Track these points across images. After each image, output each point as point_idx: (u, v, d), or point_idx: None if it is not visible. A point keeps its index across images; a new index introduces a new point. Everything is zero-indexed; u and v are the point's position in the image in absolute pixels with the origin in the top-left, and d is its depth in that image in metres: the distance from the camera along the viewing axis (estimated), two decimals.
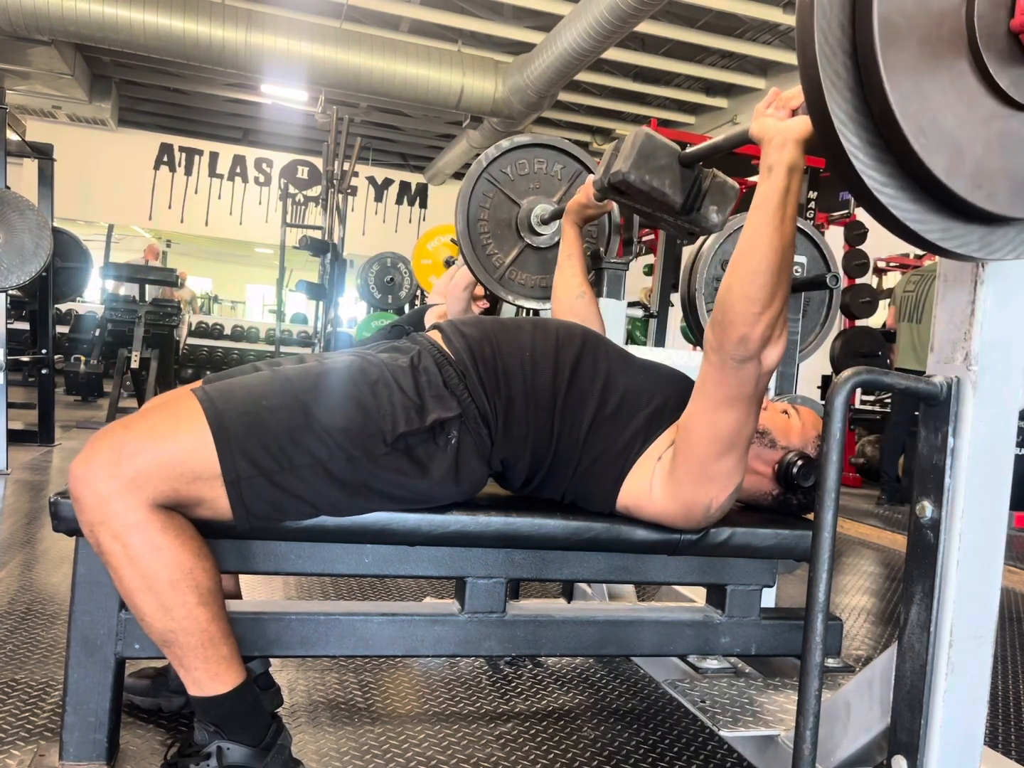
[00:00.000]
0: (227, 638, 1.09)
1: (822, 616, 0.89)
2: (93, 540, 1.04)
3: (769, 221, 1.06)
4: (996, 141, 0.72)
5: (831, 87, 0.70)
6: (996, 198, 0.72)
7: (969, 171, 0.71)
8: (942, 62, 0.70)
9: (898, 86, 0.68)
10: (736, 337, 1.09)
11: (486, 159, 2.04)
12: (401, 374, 1.20)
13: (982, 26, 0.69)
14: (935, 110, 0.69)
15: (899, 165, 0.72)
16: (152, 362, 5.72)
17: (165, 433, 1.06)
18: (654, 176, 1.39)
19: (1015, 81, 0.71)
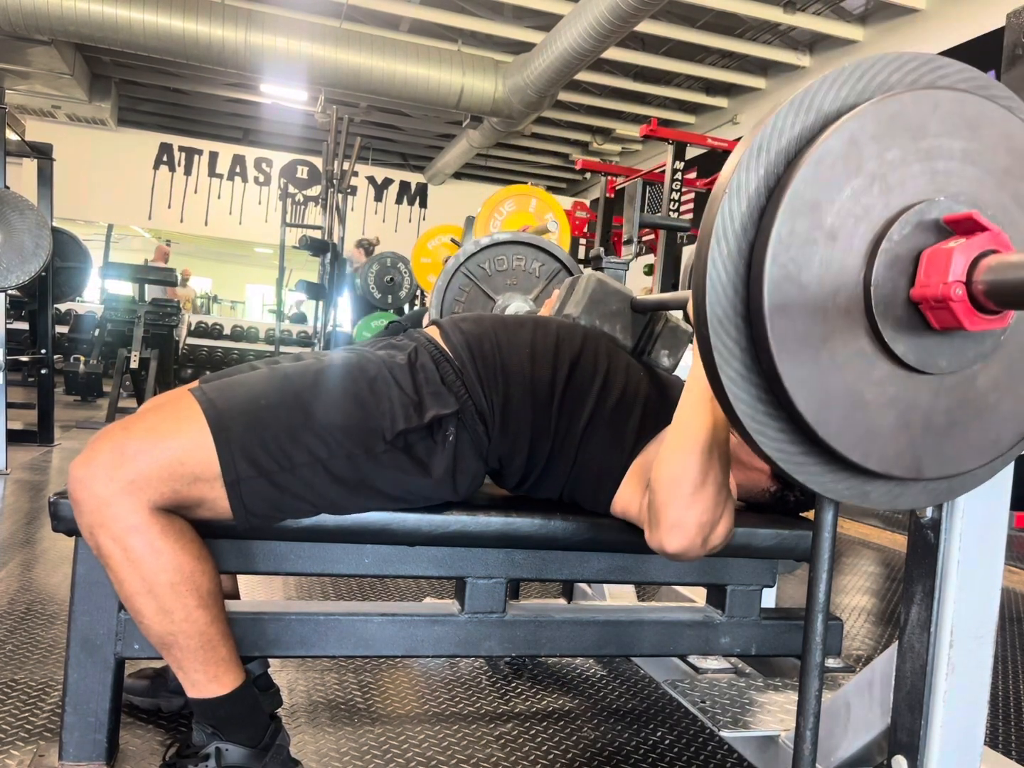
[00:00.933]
0: (226, 640, 1.09)
1: (822, 616, 0.89)
2: (93, 543, 1.04)
3: (699, 402, 1.04)
4: (890, 404, 0.73)
5: (721, 348, 0.71)
6: (887, 461, 0.74)
7: (859, 436, 0.72)
8: (836, 334, 0.70)
9: (787, 356, 0.69)
10: (668, 523, 1.05)
11: (464, 254, 2.05)
12: (399, 371, 1.19)
13: (879, 296, 0.69)
14: (827, 382, 0.70)
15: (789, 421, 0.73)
16: (152, 362, 5.72)
17: (165, 435, 1.06)
18: (604, 321, 1.45)
19: (913, 348, 0.71)
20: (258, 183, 12.49)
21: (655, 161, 8.64)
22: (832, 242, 0.69)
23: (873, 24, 7.31)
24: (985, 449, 0.77)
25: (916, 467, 0.75)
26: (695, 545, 1.06)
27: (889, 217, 0.70)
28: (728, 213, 0.70)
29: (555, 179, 13.50)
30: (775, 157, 0.70)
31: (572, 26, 6.45)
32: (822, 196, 0.68)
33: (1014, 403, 0.77)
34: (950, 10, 6.49)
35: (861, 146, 0.69)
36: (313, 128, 10.26)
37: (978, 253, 0.66)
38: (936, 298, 0.67)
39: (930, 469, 0.76)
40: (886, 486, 0.78)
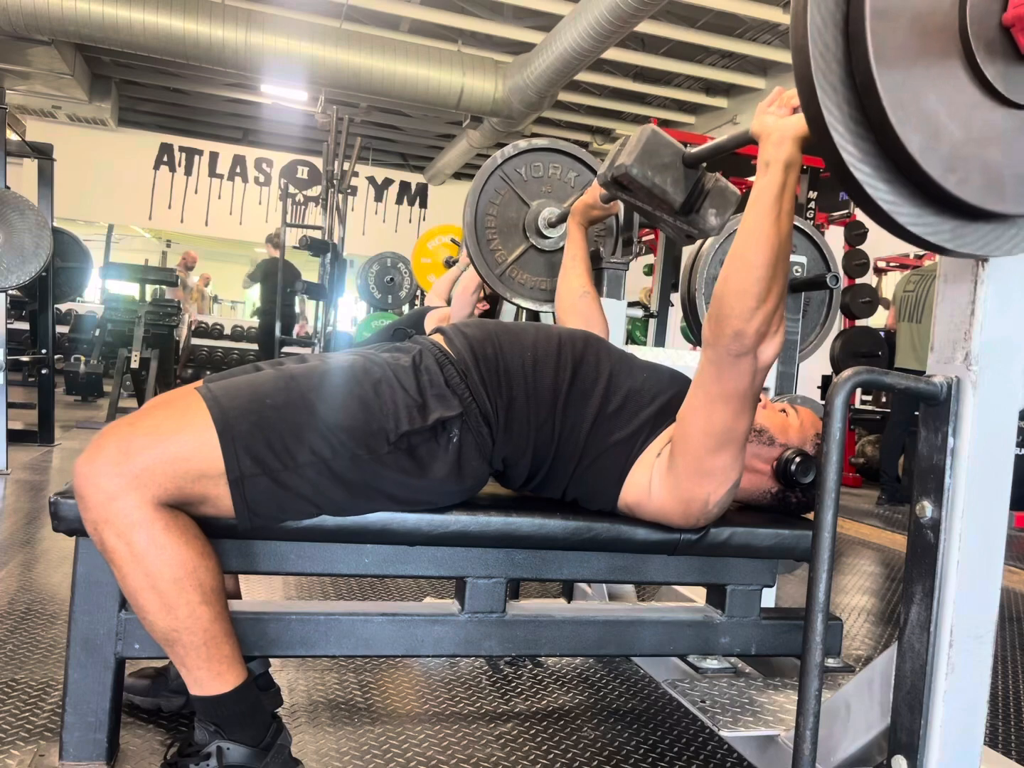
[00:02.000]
0: (229, 637, 1.09)
1: (822, 616, 0.89)
2: (97, 538, 1.04)
3: (766, 216, 1.07)
4: (976, 131, 0.72)
5: (819, 57, 0.70)
6: (967, 186, 0.72)
7: (944, 155, 0.71)
8: (931, 46, 0.70)
9: (883, 61, 0.68)
10: (731, 332, 1.09)
11: (502, 156, 2.05)
12: (403, 373, 1.20)
13: (973, 16, 0.69)
14: (917, 89, 0.69)
15: (877, 143, 0.72)
16: (152, 362, 5.72)
17: (170, 431, 1.07)
18: (657, 173, 1.39)
19: (1001, 74, 0.70)
20: (258, 183, 12.49)
21: None
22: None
23: None
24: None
25: (999, 195, 0.73)
26: (750, 350, 1.10)
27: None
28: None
29: None
30: None
31: (572, 26, 6.45)
32: None
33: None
34: None
35: None
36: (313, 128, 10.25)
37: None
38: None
39: (1011, 203, 0.74)
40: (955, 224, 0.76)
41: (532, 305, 2.12)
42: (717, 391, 1.14)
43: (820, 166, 5.34)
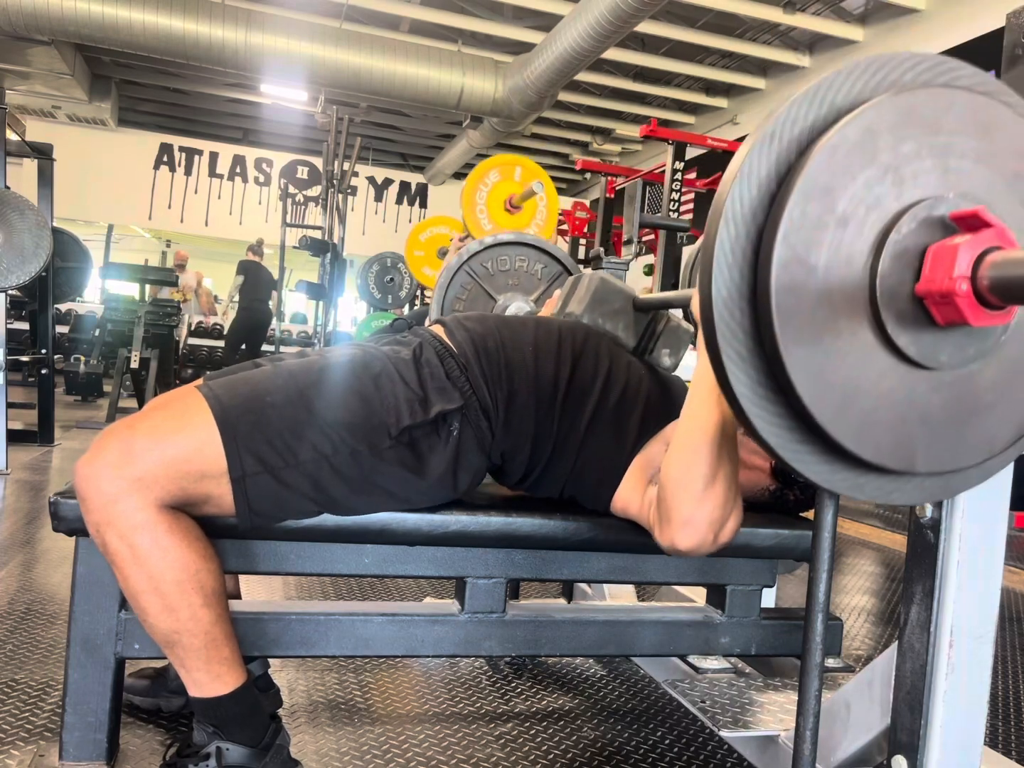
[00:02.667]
0: (229, 640, 1.09)
1: (822, 616, 0.89)
2: (99, 540, 1.04)
3: (706, 400, 1.04)
4: (888, 396, 0.72)
5: (724, 327, 0.71)
6: (880, 451, 0.73)
7: (854, 422, 0.72)
8: (839, 317, 0.70)
9: (789, 334, 0.69)
10: (680, 520, 1.05)
11: (467, 252, 2.06)
12: (404, 367, 1.20)
13: (884, 289, 0.70)
14: (826, 361, 0.70)
15: (788, 407, 0.73)
16: (152, 362, 5.72)
17: (171, 432, 1.06)
18: (607, 320, 1.46)
19: (914, 341, 0.71)
20: (258, 183, 12.49)
21: (655, 161, 8.64)
22: (843, 228, 0.69)
23: (873, 24, 7.31)
24: (980, 448, 0.77)
25: (910, 461, 0.75)
26: (706, 542, 1.06)
27: (899, 209, 0.70)
28: (738, 197, 0.70)
29: (555, 179, 13.48)
30: (787, 145, 0.71)
31: (572, 26, 6.45)
32: (836, 182, 0.69)
33: (1010, 405, 0.77)
34: (950, 10, 6.49)
35: (877, 136, 0.69)
36: (313, 128, 10.26)
37: (983, 249, 0.67)
38: (941, 293, 0.68)
39: (924, 464, 0.76)
40: (880, 480, 0.78)
41: None
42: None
43: None
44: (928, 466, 0.76)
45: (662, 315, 1.49)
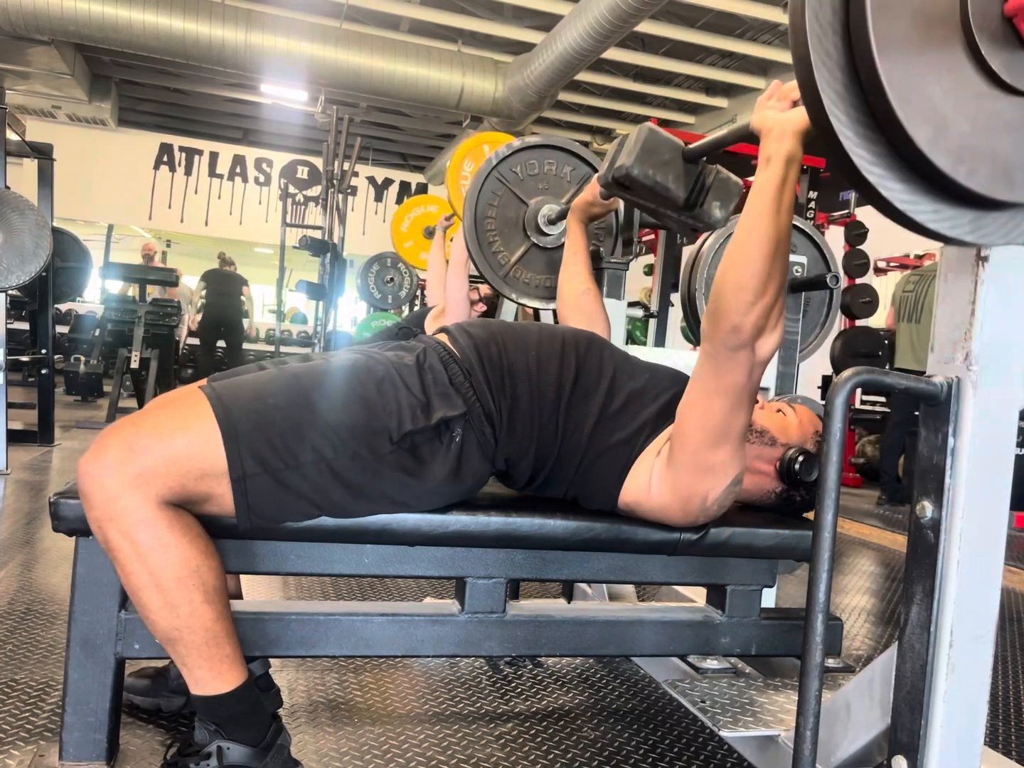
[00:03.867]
0: (231, 637, 1.09)
1: (822, 616, 0.89)
2: (101, 536, 1.04)
3: (765, 211, 1.07)
4: (983, 121, 0.72)
5: (821, 66, 0.70)
6: (976, 177, 0.72)
7: (952, 147, 0.70)
8: (934, 39, 0.69)
9: (887, 57, 0.68)
10: (728, 326, 1.09)
11: (496, 157, 2.05)
12: (407, 372, 1.20)
13: (975, 8, 0.69)
14: (923, 84, 0.69)
15: (888, 143, 0.72)
16: (152, 362, 5.72)
17: (174, 430, 1.07)
18: (657, 171, 1.39)
19: (1007, 64, 0.70)
20: (258, 183, 12.48)
21: None
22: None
23: None
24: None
25: (1007, 187, 0.73)
26: (746, 344, 1.10)
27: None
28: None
29: None
30: None
31: (572, 26, 6.45)
32: None
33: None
34: None
35: None
36: (313, 128, 10.26)
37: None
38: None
39: (1021, 189, 0.74)
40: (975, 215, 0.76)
41: (536, 303, 2.12)
42: (714, 385, 1.14)
43: (821, 166, 5.34)
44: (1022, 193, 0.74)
45: (711, 168, 1.45)
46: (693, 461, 1.18)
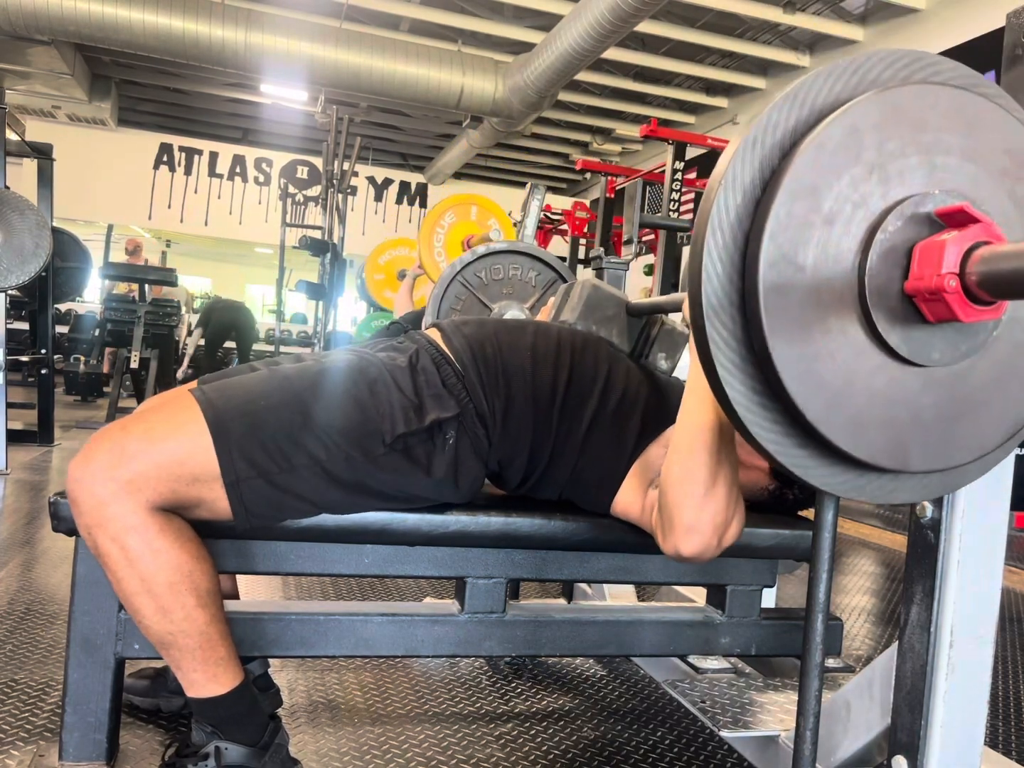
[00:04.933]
0: (225, 640, 1.09)
1: (822, 616, 0.89)
2: (91, 542, 1.04)
3: (701, 406, 1.03)
4: (880, 393, 0.72)
5: (717, 335, 0.71)
6: (873, 449, 0.73)
7: (845, 419, 0.71)
8: (829, 315, 0.70)
9: (778, 335, 0.68)
10: (684, 525, 1.04)
11: (460, 263, 2.05)
12: (400, 374, 1.19)
13: (872, 287, 0.69)
14: (816, 359, 0.70)
15: (783, 411, 0.73)
16: (152, 362, 5.72)
17: (164, 435, 1.06)
18: (600, 326, 1.46)
19: (905, 339, 0.71)
20: (258, 183, 12.48)
21: (655, 161, 8.63)
22: (829, 227, 0.69)
23: (873, 24, 7.31)
24: (972, 446, 0.77)
25: (904, 459, 0.75)
26: (711, 546, 1.05)
27: (885, 207, 0.70)
28: (723, 205, 0.70)
29: (555, 179, 13.49)
30: (769, 150, 0.71)
31: (572, 26, 6.45)
32: (821, 181, 0.69)
33: (1003, 401, 0.77)
34: (950, 10, 6.49)
35: (862, 134, 0.69)
36: (313, 128, 10.25)
37: (971, 244, 0.67)
38: (930, 290, 0.68)
39: (917, 462, 0.75)
40: (881, 480, 0.78)
41: None
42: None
43: None
44: (922, 465, 0.76)
45: (656, 319, 1.49)
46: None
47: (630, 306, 1.47)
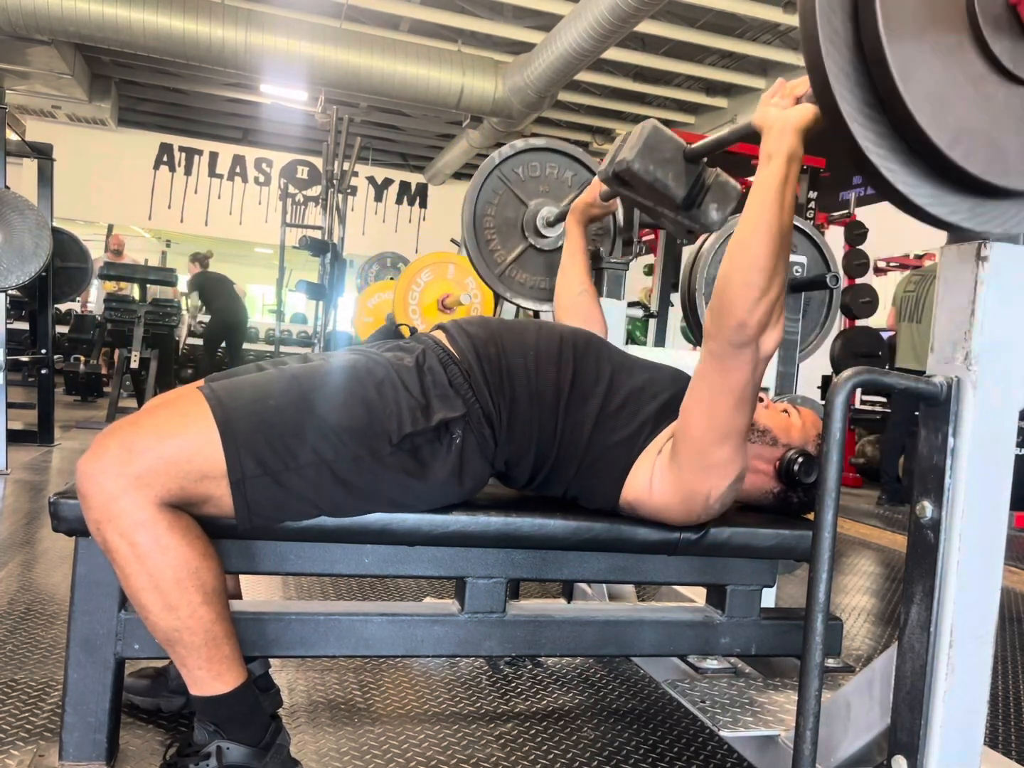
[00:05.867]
0: (230, 638, 1.09)
1: (822, 616, 0.89)
2: (99, 538, 1.04)
3: (767, 208, 1.07)
4: (983, 105, 0.72)
5: (828, 44, 0.71)
6: (971, 159, 0.73)
7: (951, 127, 0.71)
8: (939, 22, 0.70)
9: (893, 36, 0.69)
10: (734, 323, 1.09)
11: (499, 156, 2.05)
12: (406, 374, 1.20)
13: None
14: (927, 64, 0.70)
15: (890, 123, 0.73)
16: (152, 362, 5.72)
17: (173, 431, 1.06)
18: (658, 167, 1.39)
19: (1008, 50, 0.71)
20: (258, 183, 12.48)
21: None
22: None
23: None
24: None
25: (1003, 171, 0.74)
26: (751, 340, 1.10)
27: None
28: None
29: None
30: None
31: (572, 26, 6.45)
32: None
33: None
34: None
35: None
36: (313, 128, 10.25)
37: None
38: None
39: (1017, 177, 0.75)
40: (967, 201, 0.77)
41: (531, 304, 2.12)
42: (719, 383, 1.14)
43: (821, 165, 5.34)
44: (1020, 181, 0.75)
45: (712, 170, 1.46)
46: (696, 459, 1.18)
47: (688, 151, 1.42)
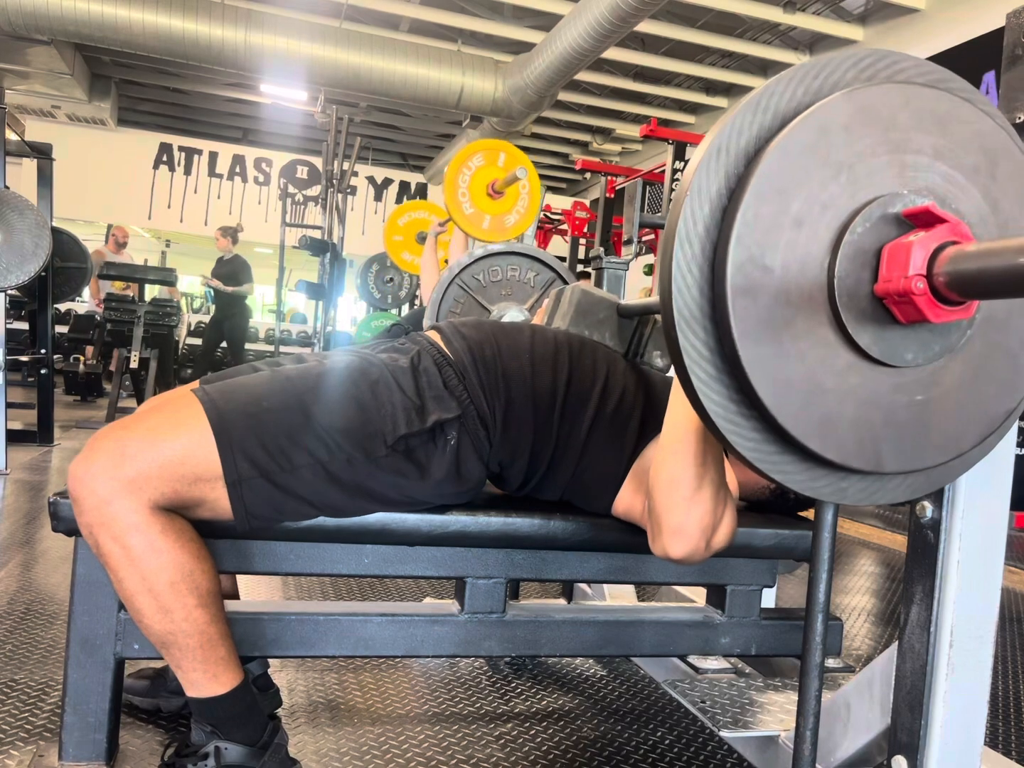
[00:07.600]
0: (225, 640, 1.09)
1: (822, 616, 0.89)
2: (92, 542, 1.04)
3: (686, 406, 1.02)
4: (851, 394, 0.72)
5: (689, 348, 0.71)
6: (844, 451, 0.72)
7: (816, 420, 0.71)
8: (799, 318, 0.69)
9: (748, 339, 0.68)
10: (671, 526, 1.04)
11: (458, 266, 2.05)
12: (401, 375, 1.19)
13: (842, 289, 0.69)
14: (786, 362, 0.69)
15: (759, 417, 0.72)
16: (151, 362, 5.72)
17: (166, 434, 1.06)
18: (593, 330, 1.46)
19: (876, 340, 0.70)
20: (258, 183, 12.48)
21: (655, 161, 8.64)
22: (798, 229, 0.68)
23: (873, 24, 7.31)
24: (948, 446, 0.76)
25: (877, 461, 0.74)
26: (699, 549, 1.05)
27: (854, 209, 0.69)
28: (690, 215, 0.70)
29: (555, 179, 13.49)
30: (735, 157, 0.70)
31: (572, 26, 6.45)
32: (788, 183, 0.68)
33: (979, 401, 0.76)
34: (950, 10, 6.49)
35: (830, 135, 0.69)
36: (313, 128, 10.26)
37: (937, 245, 0.66)
38: (899, 292, 0.67)
39: (891, 462, 0.75)
40: (862, 481, 0.77)
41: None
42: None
43: None
44: (896, 465, 0.75)
45: (649, 318, 1.49)
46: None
47: (621, 307, 1.47)
